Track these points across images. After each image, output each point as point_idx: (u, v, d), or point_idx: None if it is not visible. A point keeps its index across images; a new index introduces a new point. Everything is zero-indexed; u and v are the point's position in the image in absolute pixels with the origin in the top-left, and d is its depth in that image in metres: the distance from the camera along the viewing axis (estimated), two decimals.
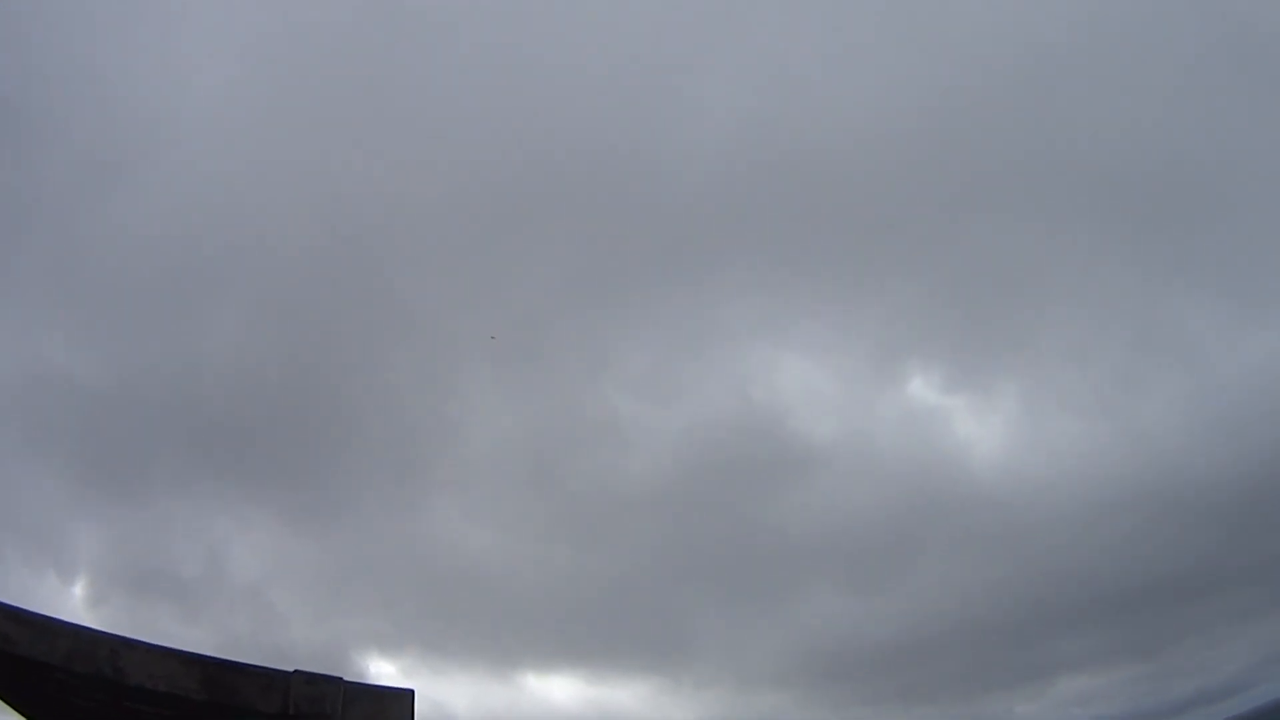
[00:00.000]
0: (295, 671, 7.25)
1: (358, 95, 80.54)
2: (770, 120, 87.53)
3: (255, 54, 78.04)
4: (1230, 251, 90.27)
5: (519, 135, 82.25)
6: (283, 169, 78.11)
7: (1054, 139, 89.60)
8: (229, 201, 74.09)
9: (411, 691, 7.42)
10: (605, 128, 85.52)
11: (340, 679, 7.29)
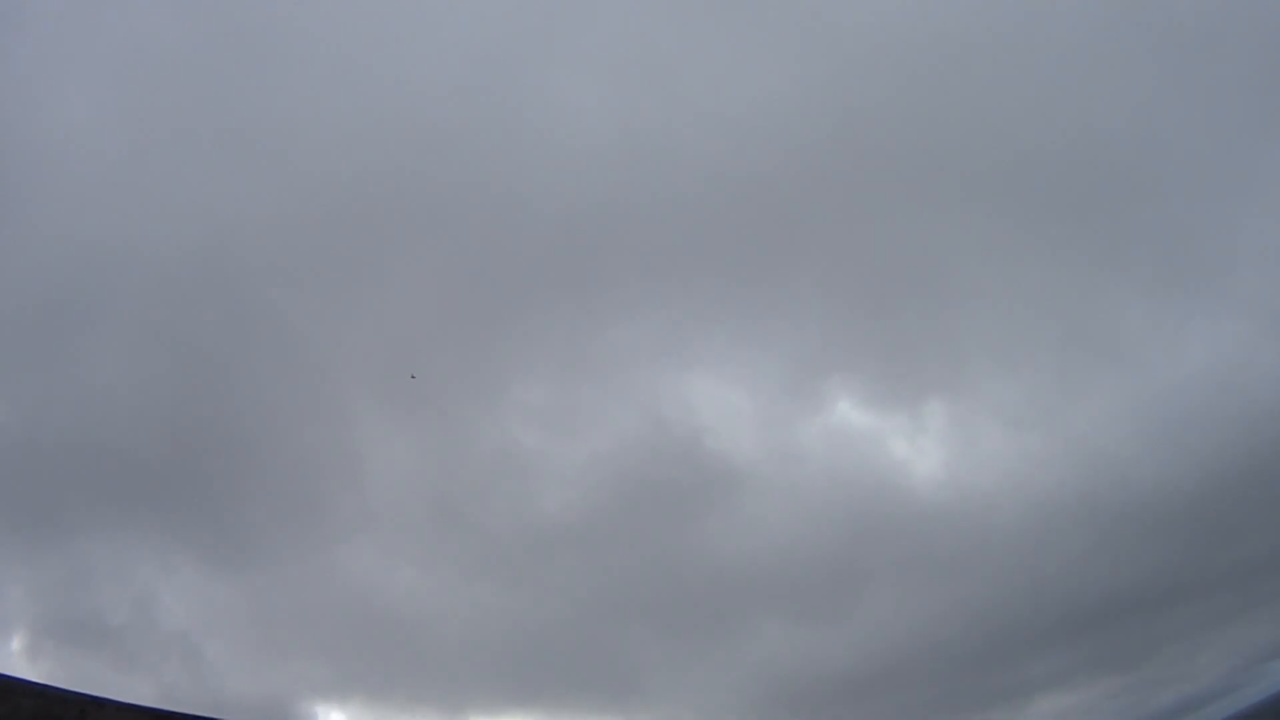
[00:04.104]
0: None
1: (228, 122, 78.89)
2: (654, 127, 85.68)
3: (116, 80, 76.33)
4: (1161, 239, 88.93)
5: (386, 156, 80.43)
6: (153, 197, 76.25)
7: (963, 130, 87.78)
8: (101, 233, 72.08)
9: None
10: (475, 142, 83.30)
11: None
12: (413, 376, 73.43)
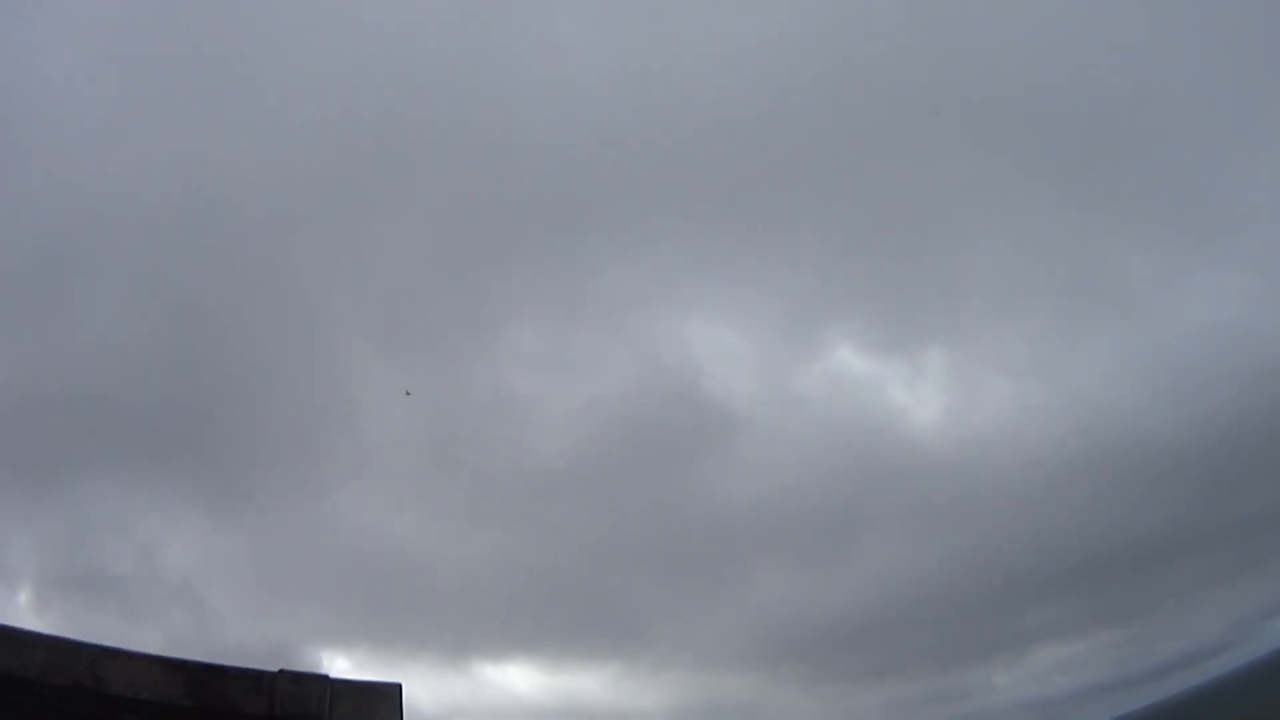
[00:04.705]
0: (280, 671, 7.18)
1: (218, 68, 77.89)
2: (651, 66, 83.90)
3: (106, 29, 75.25)
4: (1168, 189, 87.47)
5: (376, 97, 79.23)
6: (144, 152, 75.83)
7: (966, 72, 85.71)
8: (93, 184, 71.95)
9: (399, 685, 7.38)
10: (466, 83, 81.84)
11: (326, 676, 7.24)
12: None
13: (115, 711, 7.46)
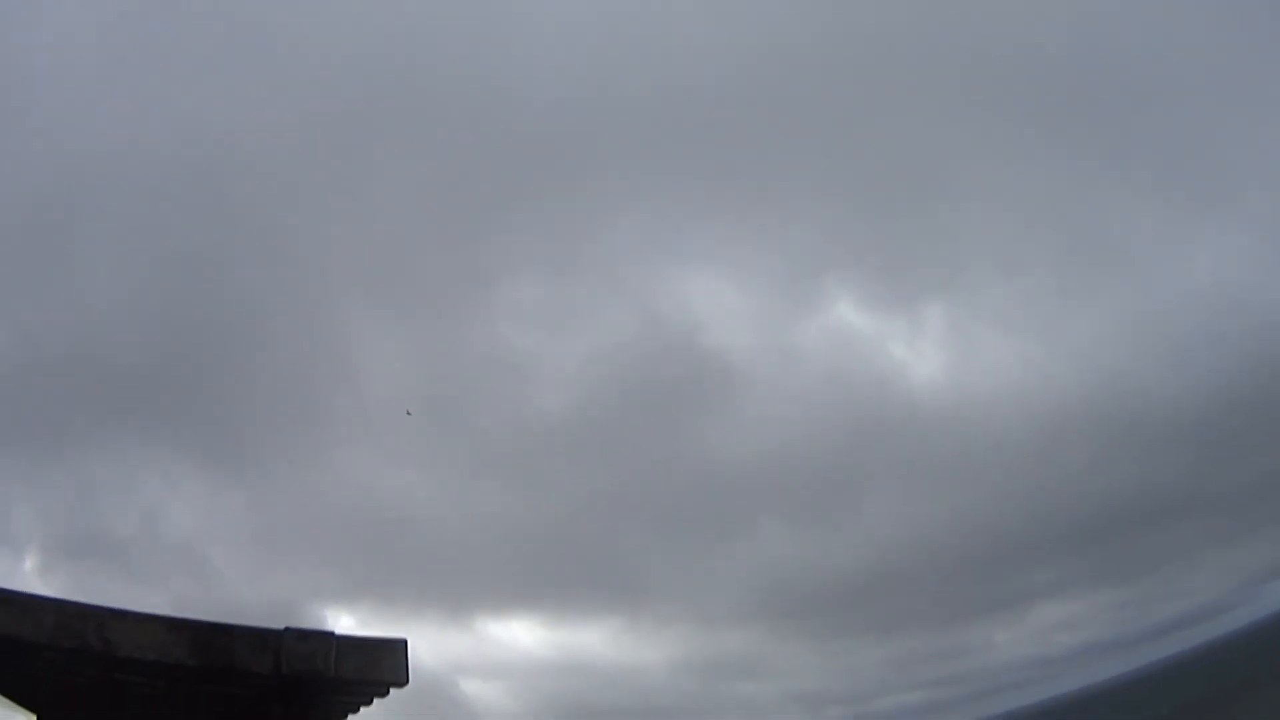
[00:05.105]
0: (286, 629, 7.26)
1: (212, 25, 77.14)
2: (648, 17, 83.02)
3: None
4: (1171, 147, 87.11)
5: (372, 52, 78.46)
6: (138, 104, 75.25)
7: (967, 23, 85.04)
8: (87, 143, 71.47)
9: (404, 641, 7.45)
10: (462, 35, 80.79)
11: (332, 633, 7.32)
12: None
13: (123, 672, 7.55)
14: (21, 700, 10.29)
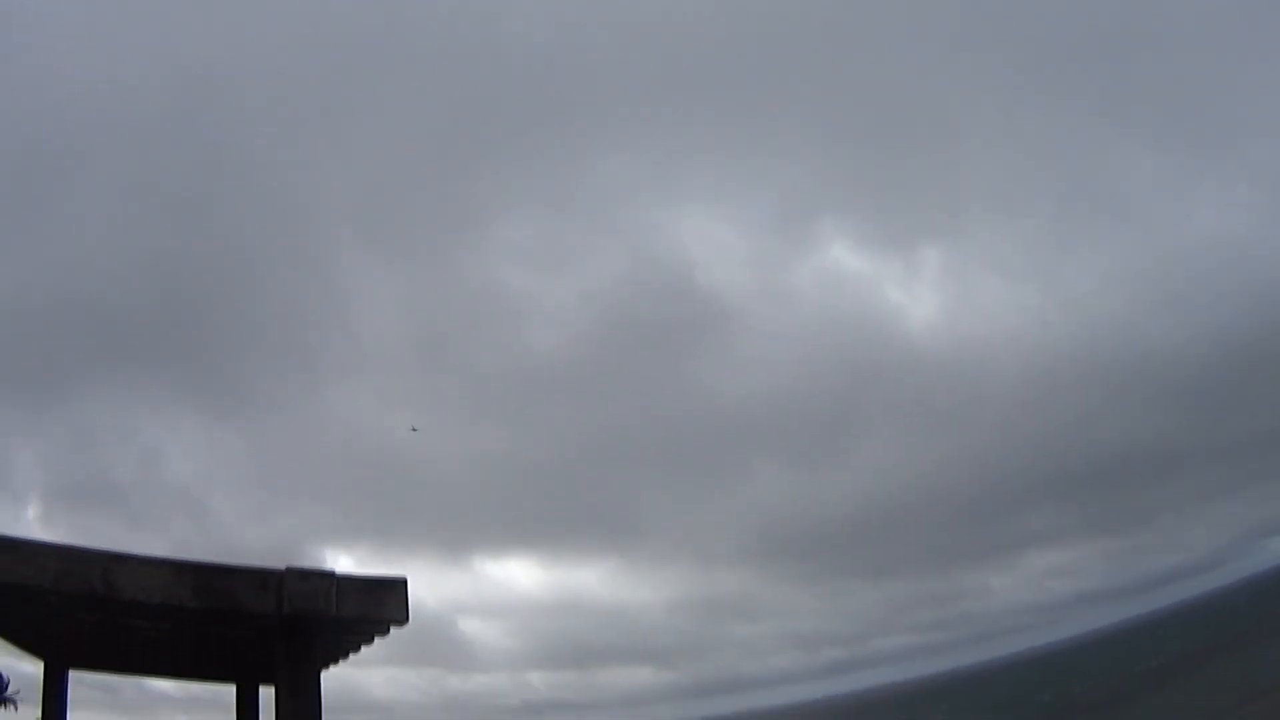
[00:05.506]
0: (287, 569, 7.34)
1: None
2: None
3: None
4: (1174, 94, 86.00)
5: None
6: (125, 44, 74.05)
7: None
8: (75, 86, 70.41)
9: (404, 579, 7.55)
10: None
11: (333, 572, 7.40)
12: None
13: (127, 615, 7.65)
14: (28, 645, 10.42)
